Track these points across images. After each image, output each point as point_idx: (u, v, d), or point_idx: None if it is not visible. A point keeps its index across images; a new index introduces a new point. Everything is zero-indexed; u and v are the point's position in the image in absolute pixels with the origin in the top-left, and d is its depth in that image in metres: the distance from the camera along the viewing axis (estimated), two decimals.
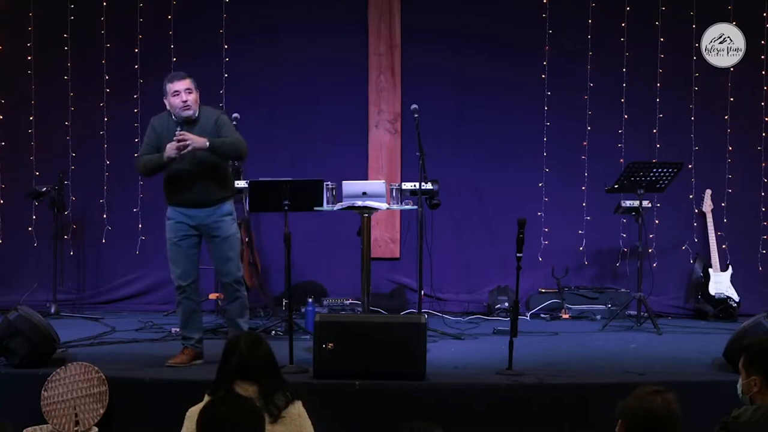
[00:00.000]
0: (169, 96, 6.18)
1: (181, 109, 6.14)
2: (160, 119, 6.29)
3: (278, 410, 3.81)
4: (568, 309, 8.27)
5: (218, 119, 6.25)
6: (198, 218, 6.20)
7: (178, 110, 6.15)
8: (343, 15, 8.72)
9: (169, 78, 6.24)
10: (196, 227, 6.22)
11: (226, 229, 6.24)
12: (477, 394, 5.46)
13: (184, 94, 6.14)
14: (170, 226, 6.26)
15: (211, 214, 6.21)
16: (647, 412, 3.14)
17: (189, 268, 6.26)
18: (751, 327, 5.92)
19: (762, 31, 8.56)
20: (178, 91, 6.14)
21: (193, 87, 6.19)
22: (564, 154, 8.63)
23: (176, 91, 6.14)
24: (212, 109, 6.37)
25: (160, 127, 6.23)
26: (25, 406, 5.45)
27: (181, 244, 6.23)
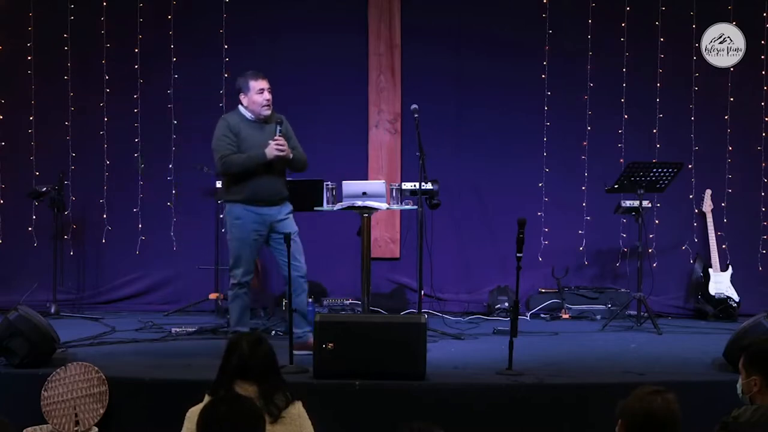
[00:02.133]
0: (253, 92, 6.29)
1: (265, 107, 6.29)
2: (232, 118, 6.38)
3: (278, 410, 3.81)
4: (568, 309, 8.27)
5: (283, 123, 6.37)
6: (269, 216, 6.30)
7: (260, 108, 6.29)
8: (343, 15, 8.72)
9: (251, 75, 6.36)
10: (266, 225, 6.31)
11: (293, 225, 6.35)
12: (477, 394, 5.46)
13: (267, 93, 6.28)
14: (240, 225, 6.29)
15: (280, 212, 6.33)
16: (647, 412, 3.14)
17: (251, 266, 6.37)
18: (751, 327, 5.92)
19: (762, 31, 8.56)
20: (263, 89, 6.28)
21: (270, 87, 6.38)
22: (564, 154, 8.64)
23: (262, 88, 6.29)
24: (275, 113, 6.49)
25: (236, 126, 6.31)
26: (25, 406, 5.45)
27: (252, 243, 6.31)
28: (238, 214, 6.29)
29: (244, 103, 6.38)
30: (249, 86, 6.32)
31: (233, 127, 6.30)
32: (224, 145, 6.27)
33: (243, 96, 6.37)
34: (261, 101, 6.29)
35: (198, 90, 8.60)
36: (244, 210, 6.28)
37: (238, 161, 6.24)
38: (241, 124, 6.32)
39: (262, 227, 6.30)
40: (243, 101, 6.38)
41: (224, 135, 6.30)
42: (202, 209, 8.49)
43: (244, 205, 6.27)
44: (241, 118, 6.37)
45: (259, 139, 6.30)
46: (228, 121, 6.35)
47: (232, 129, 6.30)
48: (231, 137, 6.28)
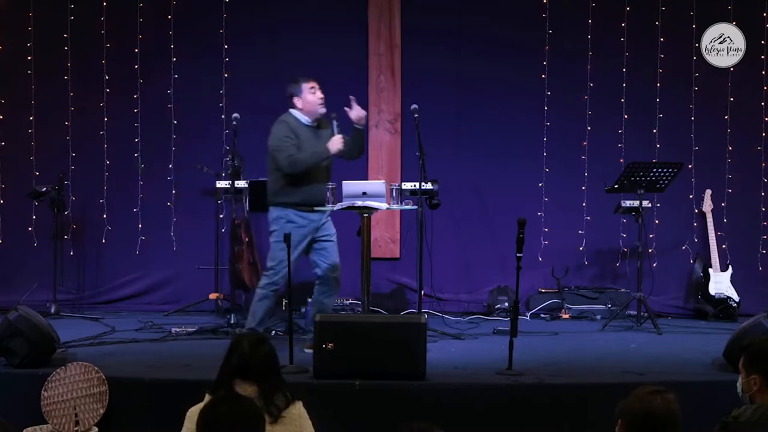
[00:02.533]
0: (306, 92, 6.44)
1: (320, 105, 6.43)
2: (288, 118, 6.51)
3: (278, 410, 3.81)
4: (568, 309, 8.27)
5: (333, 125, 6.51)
6: (316, 220, 6.42)
7: (317, 106, 6.45)
8: (343, 15, 8.72)
9: (301, 77, 6.52)
10: (313, 229, 6.44)
11: (333, 227, 6.51)
12: (477, 394, 5.45)
13: (320, 91, 6.41)
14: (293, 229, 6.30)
15: (324, 215, 6.46)
16: (647, 412, 3.14)
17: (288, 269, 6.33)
18: (751, 327, 5.92)
19: (762, 31, 8.56)
20: (315, 87, 6.41)
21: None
22: (564, 154, 8.64)
23: (313, 87, 6.43)
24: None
25: (296, 129, 6.44)
26: (25, 406, 5.45)
27: (299, 248, 6.39)
28: (291, 218, 6.41)
29: (298, 105, 6.54)
30: (301, 88, 6.48)
31: (293, 129, 6.43)
32: (289, 144, 6.39)
33: (297, 99, 6.52)
34: (315, 100, 6.46)
35: (198, 90, 8.61)
36: (296, 214, 6.41)
37: (305, 159, 6.37)
38: (298, 128, 6.46)
39: (309, 233, 6.44)
40: (297, 104, 6.54)
41: (286, 136, 6.42)
42: (202, 209, 8.49)
43: (296, 210, 6.39)
44: (297, 121, 6.50)
45: (314, 143, 6.46)
46: (289, 123, 6.49)
47: (293, 130, 6.42)
48: (293, 138, 6.41)
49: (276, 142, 6.45)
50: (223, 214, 8.35)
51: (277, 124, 6.54)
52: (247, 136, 7.93)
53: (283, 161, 6.39)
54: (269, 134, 6.58)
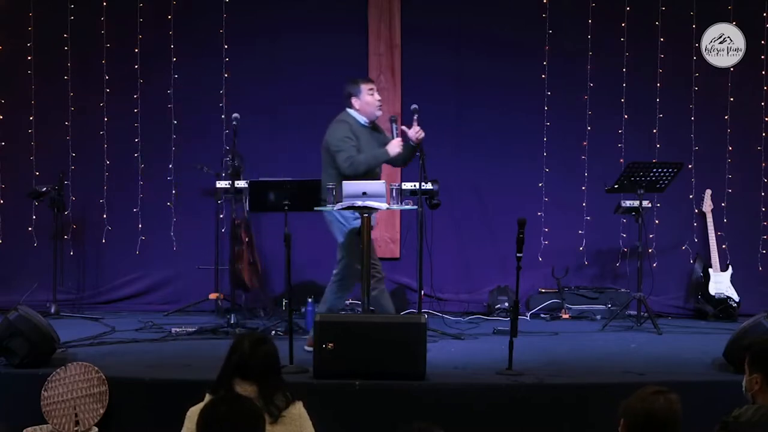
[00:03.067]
0: (365, 93, 6.49)
1: (378, 107, 6.50)
2: (349, 120, 6.56)
3: (278, 410, 3.81)
4: (568, 309, 8.27)
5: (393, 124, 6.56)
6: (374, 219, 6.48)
7: (374, 108, 6.51)
8: (343, 15, 8.72)
9: (360, 79, 6.60)
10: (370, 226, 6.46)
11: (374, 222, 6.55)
12: (477, 394, 5.46)
13: (377, 93, 6.47)
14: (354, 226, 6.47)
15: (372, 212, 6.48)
16: (648, 412, 3.14)
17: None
18: (751, 327, 5.92)
19: (762, 31, 8.56)
20: (373, 89, 6.48)
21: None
22: (564, 154, 8.64)
23: (372, 88, 6.48)
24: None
25: (355, 130, 6.49)
26: (25, 406, 5.45)
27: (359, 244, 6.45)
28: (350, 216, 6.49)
29: (356, 106, 6.59)
30: (360, 89, 6.53)
31: (354, 130, 6.49)
32: (349, 145, 6.44)
33: (355, 99, 6.58)
34: (373, 102, 6.51)
35: (198, 90, 8.61)
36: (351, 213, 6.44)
37: (365, 160, 6.43)
38: (358, 129, 6.52)
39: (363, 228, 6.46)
40: (355, 105, 6.59)
41: (347, 137, 6.47)
42: (202, 209, 8.49)
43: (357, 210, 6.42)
44: (355, 122, 6.55)
45: (372, 144, 6.51)
46: (349, 124, 6.53)
47: (353, 131, 6.48)
48: (353, 139, 6.46)
49: (337, 142, 6.48)
50: (223, 214, 8.35)
51: (337, 124, 6.57)
52: (247, 136, 7.94)
53: (343, 162, 6.43)
54: (328, 132, 6.60)
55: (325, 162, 6.62)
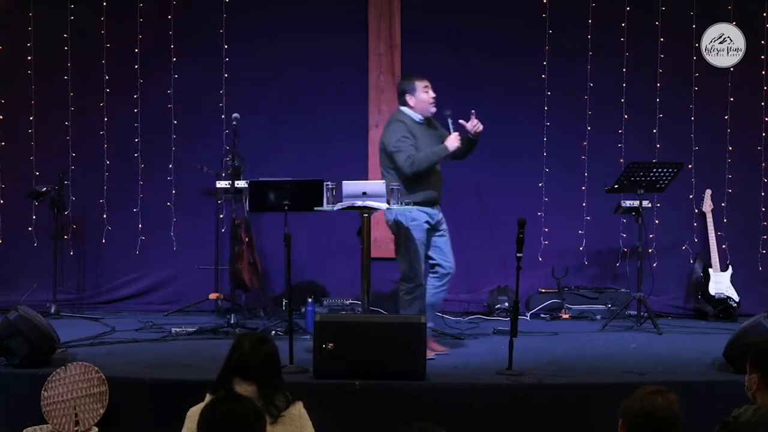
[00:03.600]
0: (420, 91, 6.46)
1: (432, 104, 6.46)
2: (405, 119, 6.53)
3: (278, 410, 3.81)
4: (568, 309, 8.27)
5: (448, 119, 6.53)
6: (435, 216, 6.49)
7: (429, 105, 6.46)
8: (343, 15, 8.72)
9: (414, 76, 6.56)
10: (433, 225, 6.49)
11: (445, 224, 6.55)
12: (477, 394, 5.46)
13: (432, 90, 6.43)
14: (418, 226, 6.44)
15: (440, 211, 6.53)
16: (648, 412, 3.14)
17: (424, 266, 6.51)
18: (751, 327, 5.92)
19: (762, 31, 8.56)
20: (428, 87, 6.45)
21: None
22: (564, 154, 8.64)
23: (426, 86, 6.45)
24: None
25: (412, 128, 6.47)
26: (25, 406, 5.45)
27: (427, 244, 6.48)
28: (416, 216, 6.45)
29: (410, 103, 6.56)
30: (415, 86, 6.50)
31: (410, 128, 6.46)
32: (408, 145, 6.41)
33: (409, 97, 6.54)
34: (428, 99, 6.47)
35: (198, 90, 8.60)
36: (421, 212, 6.44)
37: (426, 158, 6.40)
38: (414, 127, 6.49)
39: (431, 228, 6.49)
40: (410, 102, 6.56)
41: (404, 136, 6.44)
42: (202, 209, 8.49)
43: (421, 207, 6.42)
44: (411, 120, 6.51)
45: (429, 141, 6.48)
46: (405, 123, 6.50)
47: (409, 130, 6.45)
48: (411, 138, 6.43)
49: (395, 142, 6.44)
50: (223, 214, 8.35)
51: (393, 124, 6.53)
52: (247, 136, 7.94)
53: (403, 162, 6.39)
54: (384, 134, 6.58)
55: (383, 164, 6.59)
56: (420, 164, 6.39)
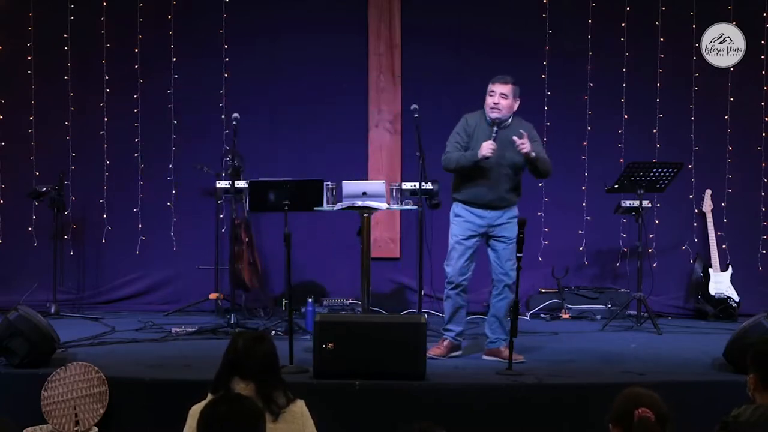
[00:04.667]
0: (488, 93, 6.36)
1: (491, 109, 6.32)
2: (474, 116, 6.45)
3: (279, 408, 3.81)
4: (568, 309, 8.27)
5: (531, 131, 6.39)
6: (487, 219, 6.31)
7: (488, 109, 6.34)
8: (343, 15, 8.72)
9: (493, 77, 6.42)
10: (484, 227, 6.32)
11: (512, 231, 6.23)
12: (477, 394, 5.46)
13: (497, 97, 6.31)
14: (459, 223, 6.36)
15: (501, 216, 6.31)
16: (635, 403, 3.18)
17: (466, 266, 6.35)
18: (751, 327, 5.92)
19: (762, 31, 8.56)
20: (494, 92, 6.33)
21: (510, 94, 6.33)
22: (564, 154, 8.61)
23: (492, 91, 6.34)
24: (524, 122, 6.48)
25: (473, 123, 6.39)
26: (25, 406, 5.45)
27: (466, 243, 6.34)
28: (459, 213, 6.38)
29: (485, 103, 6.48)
30: (487, 88, 6.41)
31: (469, 126, 6.39)
32: (452, 142, 6.39)
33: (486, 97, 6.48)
34: (488, 102, 6.34)
35: (198, 90, 8.61)
36: (464, 209, 6.35)
37: (453, 158, 6.32)
38: (479, 125, 6.39)
39: (478, 228, 6.32)
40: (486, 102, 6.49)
41: (457, 132, 6.41)
42: (202, 209, 8.49)
43: (465, 205, 6.34)
44: (482, 118, 6.43)
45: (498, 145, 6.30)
46: (467, 120, 6.45)
47: (467, 128, 6.39)
48: (462, 136, 6.36)
49: (450, 137, 6.42)
50: (223, 214, 8.35)
51: (462, 119, 6.49)
52: (247, 136, 7.94)
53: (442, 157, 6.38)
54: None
55: None
56: (449, 163, 6.34)
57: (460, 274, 6.32)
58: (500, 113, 6.28)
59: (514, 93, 6.33)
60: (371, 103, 8.62)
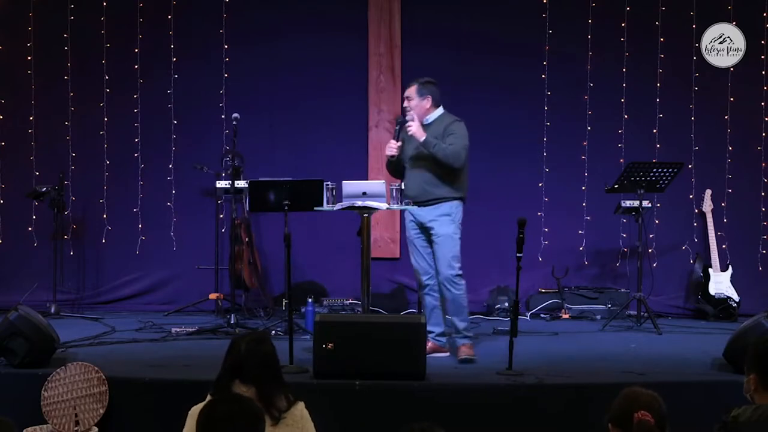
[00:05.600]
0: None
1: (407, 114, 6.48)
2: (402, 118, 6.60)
3: (279, 412, 3.80)
4: (568, 309, 8.27)
5: (450, 126, 6.42)
6: (418, 215, 6.40)
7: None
8: (343, 15, 8.72)
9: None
10: (419, 223, 6.42)
11: (442, 228, 6.31)
12: (477, 394, 5.45)
13: (406, 101, 6.50)
14: (406, 224, 6.53)
15: (432, 212, 6.36)
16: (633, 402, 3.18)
17: (424, 264, 6.43)
18: (751, 327, 5.91)
19: (762, 31, 8.56)
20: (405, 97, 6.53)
21: (414, 95, 6.45)
22: (564, 154, 8.64)
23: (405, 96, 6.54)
24: (451, 116, 6.53)
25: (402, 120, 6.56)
26: (25, 406, 5.45)
27: (414, 242, 6.45)
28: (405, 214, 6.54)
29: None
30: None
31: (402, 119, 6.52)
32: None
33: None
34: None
35: (198, 90, 8.61)
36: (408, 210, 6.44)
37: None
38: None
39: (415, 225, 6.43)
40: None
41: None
42: (202, 209, 8.49)
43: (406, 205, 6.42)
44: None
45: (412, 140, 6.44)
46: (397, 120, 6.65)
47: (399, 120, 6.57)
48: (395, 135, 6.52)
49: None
50: (223, 214, 8.36)
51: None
52: (246, 136, 7.93)
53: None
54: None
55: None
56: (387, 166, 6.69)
57: (422, 273, 6.42)
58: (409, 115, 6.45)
59: (419, 92, 6.45)
60: (371, 103, 8.63)
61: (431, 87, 6.48)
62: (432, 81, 6.52)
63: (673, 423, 3.33)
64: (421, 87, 6.44)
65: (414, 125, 6.31)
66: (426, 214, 6.34)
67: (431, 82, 6.51)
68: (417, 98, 6.42)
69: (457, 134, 6.37)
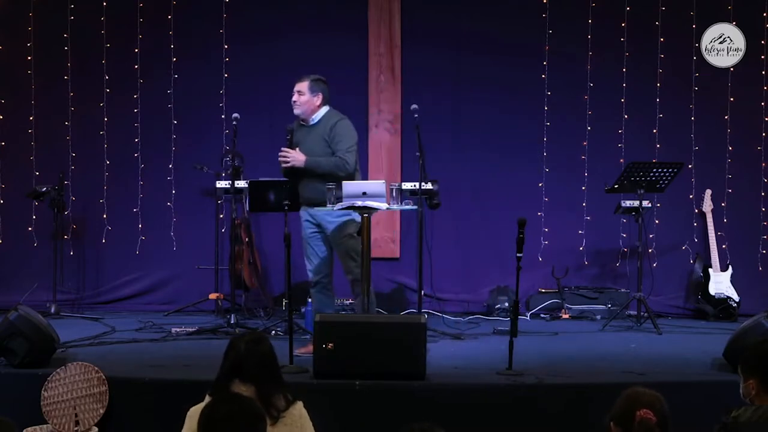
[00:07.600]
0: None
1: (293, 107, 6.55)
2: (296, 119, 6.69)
3: (278, 412, 3.80)
4: (568, 309, 8.27)
5: (334, 126, 6.52)
6: (318, 217, 6.54)
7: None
8: (343, 15, 8.72)
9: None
10: (318, 225, 6.55)
11: (337, 228, 6.49)
12: (477, 394, 5.45)
13: (295, 95, 6.58)
14: (302, 224, 6.61)
15: (329, 214, 6.48)
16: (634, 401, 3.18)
17: (319, 264, 6.60)
18: (751, 327, 5.91)
19: (762, 31, 8.56)
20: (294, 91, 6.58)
21: (305, 90, 6.54)
22: (564, 154, 8.64)
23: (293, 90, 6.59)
24: (336, 114, 6.63)
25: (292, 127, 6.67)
26: (25, 406, 5.45)
27: (309, 242, 6.59)
28: (300, 214, 6.60)
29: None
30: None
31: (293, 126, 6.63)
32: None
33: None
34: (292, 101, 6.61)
35: (198, 90, 8.61)
36: (303, 209, 6.58)
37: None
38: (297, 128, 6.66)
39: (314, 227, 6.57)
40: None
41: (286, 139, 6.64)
42: (202, 209, 8.49)
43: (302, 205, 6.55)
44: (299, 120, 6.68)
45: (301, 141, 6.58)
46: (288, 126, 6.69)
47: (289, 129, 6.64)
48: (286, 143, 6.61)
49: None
50: (223, 214, 8.36)
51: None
52: (247, 136, 7.93)
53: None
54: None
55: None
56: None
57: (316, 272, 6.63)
58: (299, 109, 6.54)
59: (311, 88, 6.55)
60: (371, 103, 8.63)
61: (323, 85, 6.63)
62: (323, 79, 6.66)
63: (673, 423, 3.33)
64: (313, 83, 6.56)
65: (291, 159, 6.47)
66: (325, 214, 6.52)
67: (323, 80, 6.65)
68: (308, 94, 6.56)
69: (343, 136, 6.54)
